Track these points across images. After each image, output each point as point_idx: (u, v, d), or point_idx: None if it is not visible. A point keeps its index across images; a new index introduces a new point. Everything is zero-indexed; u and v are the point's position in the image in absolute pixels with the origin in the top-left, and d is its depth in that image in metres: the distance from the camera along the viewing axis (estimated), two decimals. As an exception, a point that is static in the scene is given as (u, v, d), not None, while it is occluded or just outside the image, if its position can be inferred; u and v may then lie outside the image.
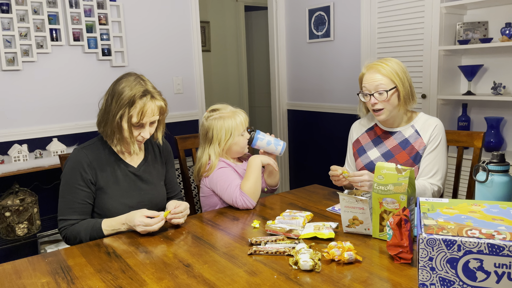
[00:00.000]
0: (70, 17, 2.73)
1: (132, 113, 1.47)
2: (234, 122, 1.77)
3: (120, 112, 1.47)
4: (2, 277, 1.18)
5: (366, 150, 1.83)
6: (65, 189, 1.50)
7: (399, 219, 1.14)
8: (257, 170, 1.71)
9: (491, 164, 1.29)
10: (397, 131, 1.77)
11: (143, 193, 1.59)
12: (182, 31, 3.29)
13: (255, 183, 1.69)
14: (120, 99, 1.47)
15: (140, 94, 1.46)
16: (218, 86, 5.27)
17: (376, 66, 1.69)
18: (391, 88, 1.66)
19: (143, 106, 1.47)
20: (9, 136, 2.61)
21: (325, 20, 3.47)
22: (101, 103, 1.54)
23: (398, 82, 1.67)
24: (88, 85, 2.87)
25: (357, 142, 1.88)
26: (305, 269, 1.13)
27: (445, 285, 0.98)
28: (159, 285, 1.09)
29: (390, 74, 1.66)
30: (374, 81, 1.67)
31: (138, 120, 1.48)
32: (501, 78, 2.61)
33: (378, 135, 1.82)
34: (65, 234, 1.49)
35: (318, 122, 3.69)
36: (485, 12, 2.66)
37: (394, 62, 1.70)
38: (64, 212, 1.49)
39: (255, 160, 1.74)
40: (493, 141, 2.57)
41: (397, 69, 1.68)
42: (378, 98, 1.67)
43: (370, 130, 1.86)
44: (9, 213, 2.40)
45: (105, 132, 1.53)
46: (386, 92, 1.66)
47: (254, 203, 1.69)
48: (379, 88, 1.66)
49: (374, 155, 1.79)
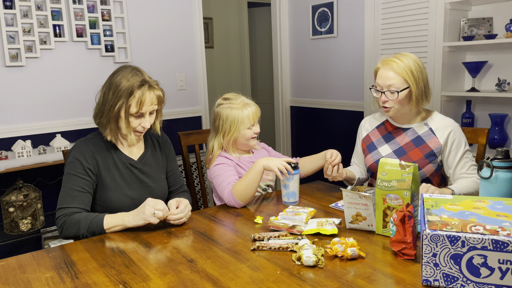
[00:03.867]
0: (73, 13, 2.73)
1: (131, 103, 1.47)
2: (241, 114, 1.74)
3: (119, 103, 1.47)
4: (6, 271, 1.18)
5: (377, 146, 1.80)
6: (66, 179, 1.49)
7: (403, 215, 1.14)
8: (254, 174, 1.62)
9: (496, 160, 1.28)
10: (410, 128, 1.75)
11: (145, 186, 1.59)
12: (185, 27, 3.29)
13: (247, 186, 1.62)
14: (117, 90, 1.47)
15: (138, 84, 1.47)
16: (221, 82, 5.26)
17: (391, 63, 1.64)
18: (404, 89, 1.63)
19: (141, 95, 1.47)
20: (13, 132, 2.62)
21: (329, 16, 3.46)
22: (98, 97, 1.55)
23: (411, 82, 1.62)
24: (91, 81, 2.87)
25: (367, 138, 1.86)
26: (308, 265, 1.13)
27: (449, 281, 0.98)
28: (163, 280, 1.09)
29: (404, 73, 1.62)
30: (387, 79, 1.64)
31: (137, 110, 1.49)
32: (506, 75, 2.59)
33: (389, 131, 1.79)
34: (63, 221, 1.42)
35: (321, 119, 3.69)
36: (490, 8, 2.64)
37: (411, 59, 1.65)
38: (64, 201, 1.46)
39: (257, 163, 1.64)
40: (497, 138, 2.56)
41: (412, 68, 1.63)
42: (389, 96, 1.65)
43: (381, 126, 1.83)
44: (13, 209, 2.41)
45: (101, 123, 1.54)
46: (397, 92, 1.63)
47: (241, 204, 1.64)
48: (391, 87, 1.64)
49: (385, 151, 1.76)
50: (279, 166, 1.60)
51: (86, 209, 1.49)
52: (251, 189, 1.63)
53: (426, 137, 1.71)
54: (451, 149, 1.69)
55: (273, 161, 1.62)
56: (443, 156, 1.71)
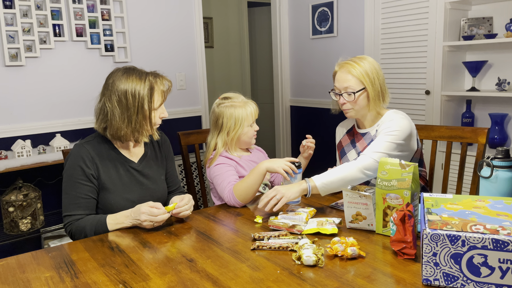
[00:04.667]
0: (73, 13, 2.73)
1: (154, 97, 1.50)
2: (244, 112, 1.78)
3: (145, 102, 1.49)
4: (6, 271, 1.18)
5: (346, 151, 1.82)
6: (68, 185, 1.49)
7: (403, 215, 1.14)
8: (256, 175, 1.62)
9: (496, 159, 1.28)
10: (367, 132, 1.76)
11: (145, 188, 1.59)
12: (185, 27, 3.29)
13: (248, 187, 1.62)
14: (136, 93, 1.47)
15: (152, 78, 1.51)
16: (221, 82, 5.26)
17: (347, 66, 1.67)
18: (360, 90, 1.65)
19: (160, 84, 1.52)
20: (13, 131, 2.62)
21: (329, 16, 3.46)
22: (108, 111, 1.48)
23: (367, 83, 1.65)
24: (91, 81, 2.87)
25: (339, 144, 1.88)
26: (308, 264, 1.13)
27: (449, 280, 0.98)
28: (162, 280, 1.09)
29: (360, 75, 1.64)
30: (343, 81, 1.67)
31: (162, 99, 1.54)
32: (506, 74, 2.59)
33: (354, 136, 1.81)
34: (70, 229, 1.48)
35: (321, 119, 3.69)
36: (490, 7, 2.64)
37: (366, 61, 1.67)
38: (69, 208, 1.48)
39: (260, 165, 1.63)
40: (497, 138, 2.56)
41: (368, 69, 1.65)
42: (347, 98, 1.67)
43: (350, 131, 1.85)
44: (12, 208, 2.41)
45: (112, 129, 1.49)
46: (354, 93, 1.65)
47: (241, 203, 1.65)
48: (348, 89, 1.66)
49: (353, 156, 1.77)
50: (284, 167, 1.59)
51: (92, 213, 1.52)
52: (252, 190, 1.63)
53: None
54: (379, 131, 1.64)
55: (276, 163, 1.61)
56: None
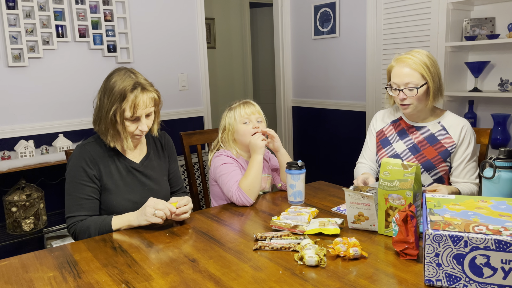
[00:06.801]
0: (76, 14, 2.74)
1: (125, 107, 1.44)
2: (238, 111, 1.82)
3: (113, 108, 1.44)
4: (9, 271, 1.18)
5: (391, 142, 1.81)
6: (70, 187, 1.50)
7: (405, 215, 1.14)
8: (256, 166, 1.69)
9: (498, 160, 1.28)
10: (423, 126, 1.76)
11: (147, 189, 1.59)
12: (187, 27, 3.29)
13: (253, 180, 1.67)
14: (111, 95, 1.45)
15: (130, 87, 1.44)
16: (223, 83, 5.27)
17: (407, 60, 1.65)
18: (422, 85, 1.64)
19: (134, 99, 1.44)
20: (16, 132, 2.62)
21: (331, 17, 3.45)
22: (95, 102, 1.52)
23: (428, 78, 1.63)
24: (94, 81, 2.88)
25: (381, 132, 1.86)
26: (311, 265, 1.13)
27: (452, 281, 0.98)
28: (165, 280, 1.10)
29: (421, 69, 1.63)
30: (404, 76, 1.64)
31: (132, 114, 1.45)
32: (508, 75, 2.59)
33: (403, 128, 1.80)
34: (74, 230, 1.48)
35: (323, 119, 3.68)
36: (492, 8, 2.64)
37: (424, 55, 1.66)
38: (72, 209, 1.48)
39: (253, 156, 1.72)
40: (499, 138, 2.56)
41: (428, 63, 1.64)
42: (408, 94, 1.65)
43: (396, 122, 1.84)
44: (15, 209, 2.41)
45: (100, 130, 1.51)
46: (417, 89, 1.63)
47: (251, 200, 1.66)
48: (408, 85, 1.64)
49: (400, 148, 1.77)
50: (261, 136, 1.73)
51: (95, 215, 1.52)
52: (257, 182, 1.68)
53: (439, 136, 1.72)
54: (462, 143, 1.71)
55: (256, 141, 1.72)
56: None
